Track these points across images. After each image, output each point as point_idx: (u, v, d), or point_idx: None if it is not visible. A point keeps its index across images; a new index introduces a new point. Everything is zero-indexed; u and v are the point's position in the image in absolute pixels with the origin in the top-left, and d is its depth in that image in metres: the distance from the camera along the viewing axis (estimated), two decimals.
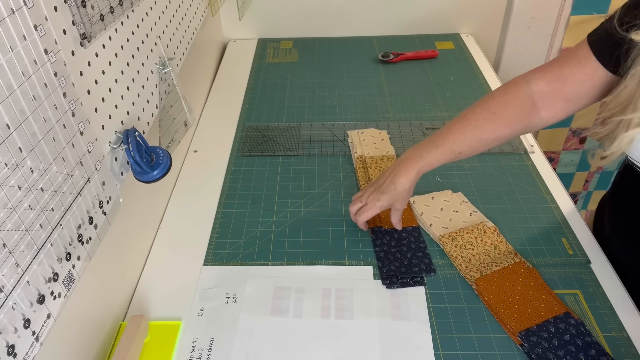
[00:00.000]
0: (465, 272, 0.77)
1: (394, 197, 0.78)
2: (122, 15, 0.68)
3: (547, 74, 0.71)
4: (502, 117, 0.73)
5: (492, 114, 0.73)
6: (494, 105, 0.74)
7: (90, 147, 0.59)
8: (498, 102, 0.74)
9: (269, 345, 0.69)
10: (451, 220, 0.86)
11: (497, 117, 0.73)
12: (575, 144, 1.66)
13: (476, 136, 0.74)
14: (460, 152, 0.75)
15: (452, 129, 0.75)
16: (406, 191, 0.77)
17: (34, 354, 0.49)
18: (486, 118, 0.73)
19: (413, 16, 1.50)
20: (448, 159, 0.76)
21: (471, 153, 0.76)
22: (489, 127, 0.73)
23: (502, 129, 0.73)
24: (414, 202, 0.90)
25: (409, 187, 0.77)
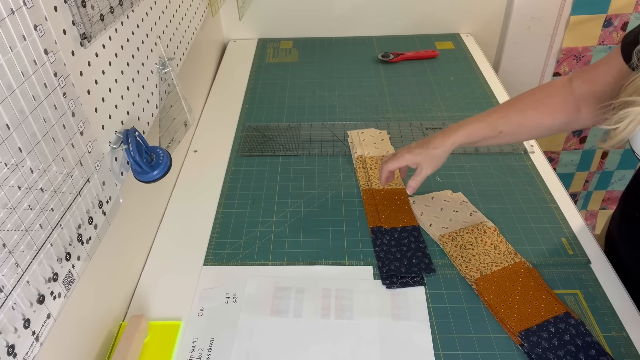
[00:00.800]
0: (465, 272, 0.77)
1: (424, 155, 0.79)
2: (122, 15, 0.68)
3: (585, 74, 0.74)
4: (547, 106, 0.75)
5: (537, 101, 0.76)
6: (539, 93, 0.77)
7: (90, 147, 0.59)
8: (542, 92, 0.77)
9: (269, 345, 0.69)
10: (451, 220, 0.86)
11: (542, 105, 0.75)
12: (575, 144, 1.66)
13: (519, 120, 0.76)
14: (501, 132, 0.76)
15: (496, 109, 0.79)
16: (438, 154, 0.78)
17: (34, 354, 0.49)
18: (530, 104, 0.76)
19: (413, 16, 1.50)
20: (488, 135, 0.77)
21: (511, 136, 0.78)
22: (533, 113, 0.76)
23: (545, 117, 0.75)
24: (413, 202, 0.90)
25: (441, 150, 0.78)
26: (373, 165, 0.98)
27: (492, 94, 1.23)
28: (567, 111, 0.74)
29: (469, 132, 0.77)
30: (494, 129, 0.77)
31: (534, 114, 0.76)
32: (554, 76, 1.52)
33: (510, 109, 0.77)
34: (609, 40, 1.45)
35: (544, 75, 1.54)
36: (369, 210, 0.89)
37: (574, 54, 1.48)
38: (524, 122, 0.76)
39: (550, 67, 1.52)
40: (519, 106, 0.77)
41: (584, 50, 1.47)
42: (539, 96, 0.76)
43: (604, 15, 1.40)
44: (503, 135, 0.77)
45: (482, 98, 1.21)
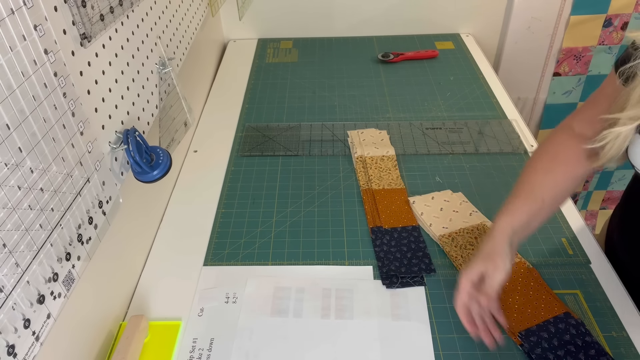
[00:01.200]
0: None
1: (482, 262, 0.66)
2: (122, 15, 0.68)
3: (584, 115, 0.71)
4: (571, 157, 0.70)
5: (554, 158, 0.71)
6: (551, 151, 0.72)
7: (90, 147, 0.59)
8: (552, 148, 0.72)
9: (269, 345, 0.69)
10: (451, 220, 0.86)
11: (560, 160, 0.70)
12: None
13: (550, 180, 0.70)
14: (543, 199, 0.69)
15: (520, 185, 0.71)
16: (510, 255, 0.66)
17: (34, 354, 0.49)
18: (550, 162, 0.71)
19: (413, 16, 1.50)
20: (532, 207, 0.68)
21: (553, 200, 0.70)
22: (559, 168, 0.70)
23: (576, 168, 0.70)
24: (414, 202, 0.90)
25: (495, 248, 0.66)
26: (373, 165, 0.98)
27: (492, 93, 1.23)
28: (587, 155, 0.68)
29: (512, 215, 0.68)
30: (535, 199, 0.68)
31: (562, 168, 0.70)
32: (554, 76, 1.52)
33: (534, 176, 0.71)
34: (609, 40, 1.45)
35: (544, 75, 1.54)
36: (369, 210, 0.89)
37: (574, 54, 1.48)
38: (557, 179, 0.69)
39: (550, 67, 1.52)
40: (540, 168, 0.71)
41: (584, 50, 1.47)
42: (555, 152, 0.71)
43: (604, 15, 1.40)
44: (546, 203, 0.68)
45: (482, 98, 1.21)
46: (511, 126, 1.10)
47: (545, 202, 0.68)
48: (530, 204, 0.68)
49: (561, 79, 1.53)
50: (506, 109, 1.16)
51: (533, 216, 0.68)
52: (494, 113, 1.15)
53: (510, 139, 1.06)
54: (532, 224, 0.69)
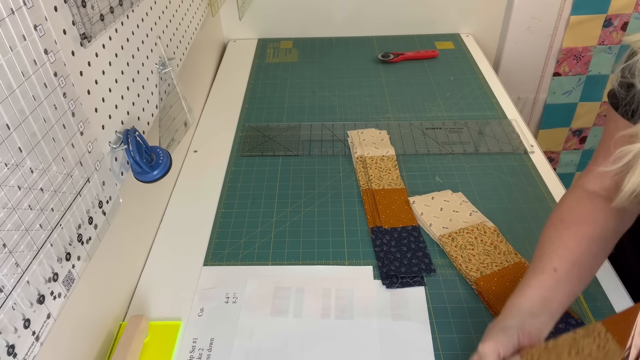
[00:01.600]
0: (465, 272, 0.77)
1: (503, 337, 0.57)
2: (122, 15, 0.68)
3: (591, 175, 0.66)
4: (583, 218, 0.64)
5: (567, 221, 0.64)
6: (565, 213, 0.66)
7: (90, 147, 0.59)
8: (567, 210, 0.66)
9: (269, 345, 0.69)
10: (451, 220, 0.86)
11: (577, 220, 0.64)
12: (575, 144, 1.66)
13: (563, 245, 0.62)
14: (555, 269, 0.60)
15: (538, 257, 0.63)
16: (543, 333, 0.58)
17: (34, 354, 0.49)
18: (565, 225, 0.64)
19: (413, 16, 1.50)
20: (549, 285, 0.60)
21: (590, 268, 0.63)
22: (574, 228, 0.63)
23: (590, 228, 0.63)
24: (414, 202, 0.90)
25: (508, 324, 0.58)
26: (373, 165, 0.98)
27: (492, 93, 1.23)
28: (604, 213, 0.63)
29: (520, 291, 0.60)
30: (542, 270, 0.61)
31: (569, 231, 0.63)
32: (554, 76, 1.52)
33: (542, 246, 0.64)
34: (609, 41, 1.45)
35: (544, 76, 1.54)
36: (369, 210, 0.89)
37: (574, 54, 1.48)
38: (566, 243, 0.62)
39: (550, 67, 1.52)
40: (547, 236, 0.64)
41: (584, 50, 1.47)
42: (559, 218, 0.66)
43: (604, 15, 1.40)
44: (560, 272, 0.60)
45: (482, 98, 1.21)
46: (511, 126, 1.10)
47: (559, 271, 0.60)
48: (539, 277, 0.60)
49: (561, 79, 1.53)
50: (506, 109, 1.16)
51: (549, 289, 0.59)
52: (494, 113, 1.15)
53: (510, 139, 1.06)
54: (557, 298, 0.59)
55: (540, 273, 0.60)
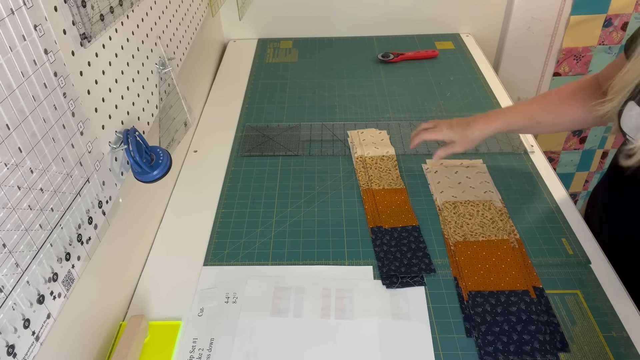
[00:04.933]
0: (449, 235, 0.81)
1: (462, 135, 0.84)
2: (122, 15, 0.68)
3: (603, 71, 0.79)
4: (580, 98, 0.79)
5: (572, 93, 0.80)
6: (573, 86, 0.81)
7: (89, 147, 0.59)
8: (576, 85, 0.81)
9: (269, 345, 0.69)
10: (464, 192, 0.90)
11: (575, 98, 0.80)
12: (575, 144, 1.66)
13: (557, 111, 0.81)
14: (539, 122, 0.81)
15: (535, 100, 0.83)
16: (475, 139, 0.84)
17: (33, 354, 0.49)
18: (567, 96, 0.81)
19: (413, 16, 1.50)
20: (526, 124, 0.83)
21: (548, 127, 0.82)
22: (569, 105, 0.80)
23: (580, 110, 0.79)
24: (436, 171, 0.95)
25: (480, 136, 0.83)
26: (373, 165, 0.98)
27: (492, 93, 1.23)
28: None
29: (510, 122, 0.82)
30: (532, 118, 0.81)
31: (570, 105, 0.80)
32: (553, 76, 1.52)
33: (549, 100, 0.82)
34: (609, 40, 1.45)
35: (544, 75, 1.54)
36: (369, 210, 0.89)
37: (574, 54, 1.48)
38: (562, 113, 0.80)
39: (550, 67, 1.52)
40: (556, 98, 0.81)
41: (584, 50, 1.47)
42: (574, 88, 0.81)
43: (604, 15, 1.40)
44: (540, 125, 0.82)
45: (482, 98, 1.21)
46: None
47: (539, 125, 0.82)
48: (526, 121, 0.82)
49: (561, 79, 1.53)
50: None
51: (522, 129, 0.84)
52: None
53: (510, 139, 1.06)
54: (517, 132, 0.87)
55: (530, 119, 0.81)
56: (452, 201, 0.88)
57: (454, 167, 0.97)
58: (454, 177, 0.94)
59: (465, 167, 0.97)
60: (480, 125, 0.82)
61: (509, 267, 0.76)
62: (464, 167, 0.97)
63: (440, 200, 0.89)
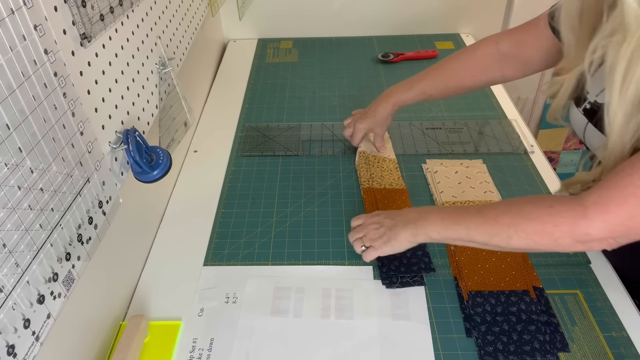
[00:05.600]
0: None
1: (374, 121, 0.95)
2: (122, 15, 0.68)
3: (514, 37, 0.83)
4: (469, 70, 0.86)
5: (462, 67, 0.87)
6: (465, 59, 0.87)
7: (90, 147, 0.59)
8: (469, 57, 0.87)
9: (269, 345, 0.69)
10: (464, 192, 0.90)
11: (465, 71, 0.87)
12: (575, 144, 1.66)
13: (444, 84, 0.88)
14: (430, 95, 0.90)
15: (426, 74, 0.90)
16: (384, 118, 0.94)
17: (34, 354, 0.49)
18: (455, 69, 0.87)
19: (413, 16, 1.50)
20: (420, 99, 0.91)
21: (440, 96, 0.91)
22: (457, 78, 0.87)
23: (468, 80, 0.87)
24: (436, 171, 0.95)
25: (386, 114, 0.94)
26: (376, 164, 0.98)
27: (492, 93, 1.23)
28: (489, 72, 0.85)
29: (403, 100, 0.92)
30: (424, 93, 0.90)
31: (458, 78, 0.87)
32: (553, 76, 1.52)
33: (437, 74, 0.89)
34: None
35: (544, 74, 1.54)
36: (369, 209, 0.89)
37: None
38: (449, 85, 0.88)
39: None
40: (445, 72, 0.88)
41: None
42: (465, 62, 0.87)
43: None
44: (433, 97, 0.90)
45: (482, 98, 1.21)
46: (511, 126, 1.10)
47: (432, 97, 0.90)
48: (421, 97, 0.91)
49: None
50: (506, 109, 1.16)
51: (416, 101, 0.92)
52: (494, 113, 1.15)
53: (510, 139, 1.06)
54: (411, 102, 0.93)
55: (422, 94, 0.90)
56: (452, 201, 0.88)
57: (454, 167, 0.97)
58: (454, 177, 0.94)
59: (465, 167, 0.97)
60: (382, 106, 0.93)
61: (509, 267, 0.76)
62: (464, 167, 0.97)
63: (440, 201, 0.89)
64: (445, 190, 0.89)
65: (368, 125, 0.96)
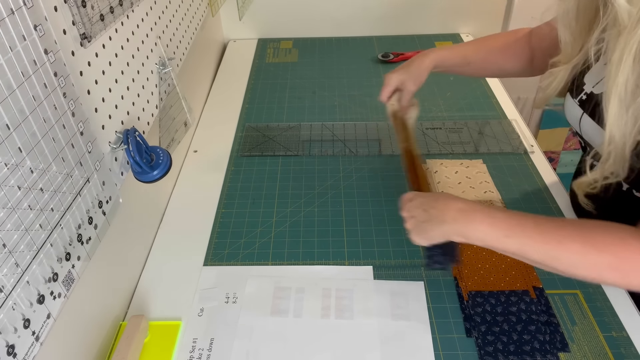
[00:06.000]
0: None
1: (407, 73, 0.87)
2: (122, 15, 0.68)
3: (538, 29, 0.85)
4: (509, 51, 0.87)
5: (504, 45, 0.88)
6: (507, 38, 0.88)
7: (90, 147, 0.59)
8: (509, 37, 0.88)
9: (269, 345, 0.69)
10: (463, 192, 0.89)
11: (506, 50, 0.87)
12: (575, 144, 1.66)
13: (486, 57, 0.88)
14: (470, 62, 0.88)
15: (470, 43, 0.92)
16: (419, 72, 0.87)
17: (33, 354, 0.49)
18: (498, 47, 0.88)
19: (413, 16, 1.50)
20: (459, 63, 0.88)
21: (477, 70, 0.91)
22: (498, 55, 0.88)
23: (506, 61, 0.88)
24: (436, 171, 0.93)
25: (422, 68, 0.87)
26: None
27: (492, 93, 1.23)
28: (523, 60, 0.86)
29: (443, 56, 0.88)
30: (465, 58, 0.88)
31: (499, 55, 0.88)
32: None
33: (482, 45, 0.89)
34: None
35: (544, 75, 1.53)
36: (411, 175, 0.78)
37: None
38: (489, 59, 0.88)
39: None
40: (489, 45, 0.89)
41: None
42: (506, 40, 0.88)
43: None
44: (470, 67, 0.89)
45: (482, 98, 1.21)
46: (511, 126, 1.10)
47: (470, 67, 0.89)
48: (460, 60, 0.88)
49: None
50: (506, 109, 1.16)
51: (455, 67, 0.89)
52: (494, 113, 1.15)
53: (510, 139, 1.06)
54: (449, 70, 0.91)
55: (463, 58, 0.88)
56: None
57: (454, 167, 0.97)
58: (454, 177, 0.94)
59: (466, 167, 0.97)
60: (418, 60, 0.88)
61: (509, 267, 0.76)
62: (464, 167, 0.97)
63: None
64: (445, 190, 0.89)
65: (400, 76, 0.87)
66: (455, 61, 0.88)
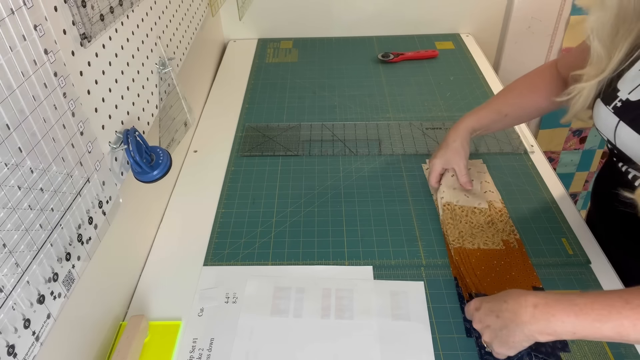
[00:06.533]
0: (449, 239, 0.81)
1: (447, 152, 0.87)
2: (122, 15, 0.68)
3: (564, 59, 0.83)
4: (540, 89, 0.84)
5: (532, 85, 0.85)
6: (533, 78, 0.86)
7: (90, 147, 0.59)
8: (535, 76, 0.86)
9: (269, 345, 0.69)
10: (464, 192, 0.89)
11: (536, 88, 0.85)
12: (575, 144, 1.66)
13: (519, 103, 0.86)
14: (506, 115, 0.85)
15: (498, 97, 0.88)
16: (458, 146, 0.86)
17: (34, 354, 0.49)
18: (527, 88, 0.86)
19: (413, 16, 1.50)
20: (495, 119, 0.86)
21: (515, 119, 0.88)
22: (530, 96, 0.85)
23: (541, 99, 0.84)
24: None
25: (460, 141, 0.86)
26: (464, 217, 0.84)
27: (492, 93, 1.23)
28: (557, 93, 0.80)
29: (478, 118, 0.86)
30: (499, 112, 0.85)
31: (532, 96, 0.85)
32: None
33: (511, 93, 0.87)
34: None
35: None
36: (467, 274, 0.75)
37: None
38: (524, 105, 0.85)
39: None
40: (517, 91, 0.86)
41: None
42: (534, 80, 0.86)
43: None
44: (508, 118, 0.86)
45: (482, 98, 1.21)
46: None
47: (508, 118, 0.86)
48: (495, 116, 0.86)
49: None
50: None
51: (493, 124, 0.87)
52: None
53: (510, 139, 1.06)
54: (489, 130, 0.88)
55: (497, 114, 0.85)
56: (452, 202, 0.87)
57: None
58: (455, 177, 0.93)
59: None
60: (452, 133, 0.87)
61: (509, 267, 0.76)
62: None
63: (440, 201, 0.88)
64: (445, 191, 0.89)
65: (442, 158, 0.86)
66: (491, 118, 0.86)
